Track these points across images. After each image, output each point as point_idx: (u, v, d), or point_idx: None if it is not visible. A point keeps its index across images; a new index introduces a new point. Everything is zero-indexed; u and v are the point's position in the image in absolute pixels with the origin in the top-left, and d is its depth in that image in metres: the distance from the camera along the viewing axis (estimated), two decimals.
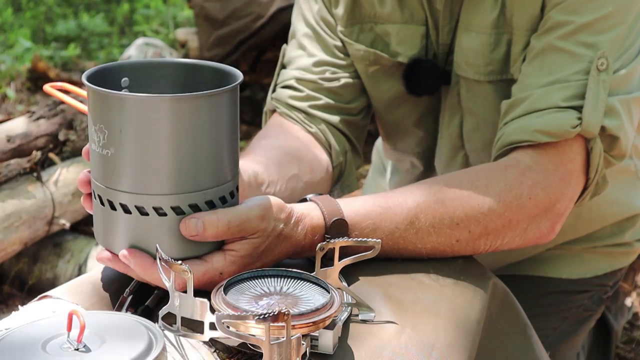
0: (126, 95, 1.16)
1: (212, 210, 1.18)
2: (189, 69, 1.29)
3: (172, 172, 1.16)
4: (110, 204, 1.18)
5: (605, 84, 1.42)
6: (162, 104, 1.14)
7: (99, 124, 1.16)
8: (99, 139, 1.16)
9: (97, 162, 1.19)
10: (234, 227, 1.18)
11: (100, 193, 1.20)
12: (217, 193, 1.20)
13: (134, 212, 1.17)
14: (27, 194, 2.29)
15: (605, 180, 1.48)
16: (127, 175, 1.16)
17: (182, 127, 1.14)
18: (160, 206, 1.17)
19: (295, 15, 1.72)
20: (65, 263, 2.43)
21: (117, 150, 1.15)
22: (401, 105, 1.69)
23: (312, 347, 1.12)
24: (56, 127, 2.38)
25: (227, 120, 1.19)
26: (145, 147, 1.14)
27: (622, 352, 2.23)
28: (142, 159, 1.15)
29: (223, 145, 1.19)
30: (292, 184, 1.48)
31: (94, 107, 1.17)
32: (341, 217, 1.29)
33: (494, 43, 1.54)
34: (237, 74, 1.22)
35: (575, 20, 1.44)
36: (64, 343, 1.05)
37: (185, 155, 1.15)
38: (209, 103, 1.16)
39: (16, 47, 4.54)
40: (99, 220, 1.22)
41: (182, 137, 1.15)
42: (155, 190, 1.16)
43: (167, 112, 1.14)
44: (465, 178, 1.39)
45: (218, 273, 1.20)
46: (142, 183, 1.16)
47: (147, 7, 5.27)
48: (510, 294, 1.41)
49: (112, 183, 1.17)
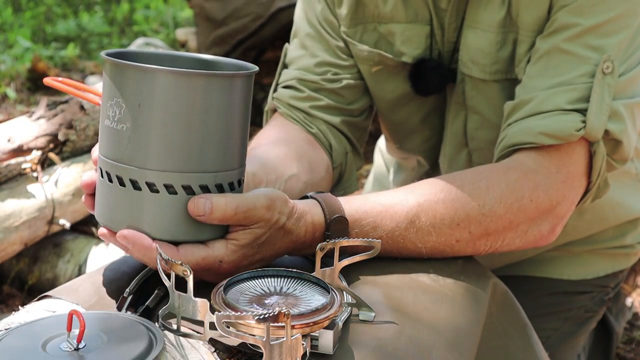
0: (152, 68, 1.15)
1: (222, 194, 1.19)
2: (203, 64, 1.29)
3: (188, 149, 1.16)
4: (119, 180, 1.18)
5: (610, 87, 1.42)
6: (193, 79, 1.14)
7: (116, 98, 1.15)
8: (114, 114, 1.16)
9: (109, 138, 1.18)
10: (240, 213, 1.18)
11: (108, 169, 1.19)
12: (227, 178, 1.21)
13: (144, 189, 1.17)
14: (27, 194, 2.29)
15: (606, 184, 1.48)
16: (141, 151, 1.16)
17: (205, 105, 1.15)
18: (171, 184, 1.17)
19: (298, 15, 1.72)
20: (65, 263, 2.43)
21: (134, 124, 1.15)
22: (406, 105, 1.69)
23: (312, 347, 1.11)
24: (56, 127, 2.38)
25: (244, 105, 1.21)
26: (164, 123, 1.15)
27: (622, 352, 2.23)
28: (158, 134, 1.15)
29: (237, 131, 1.20)
30: (292, 184, 1.49)
31: (114, 81, 1.16)
32: (342, 214, 1.29)
33: (501, 42, 1.54)
34: (251, 66, 1.24)
35: (582, 22, 1.44)
36: (63, 343, 1.05)
37: (203, 134, 1.16)
38: (238, 83, 1.18)
39: (16, 47, 4.54)
40: (103, 198, 1.21)
41: (202, 115, 1.15)
42: (168, 167, 1.16)
43: (194, 88, 1.14)
44: (467, 178, 1.39)
45: (218, 260, 1.20)
46: (155, 159, 1.16)
47: (147, 7, 5.27)
48: (510, 294, 1.40)
49: (123, 159, 1.17)
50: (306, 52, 1.67)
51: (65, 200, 2.35)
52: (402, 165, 1.92)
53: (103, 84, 1.20)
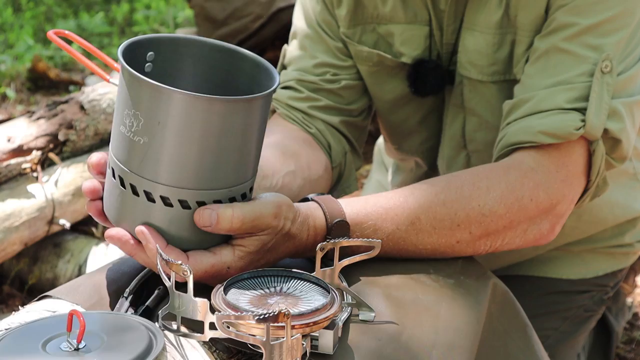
0: (177, 92, 1.13)
1: (228, 204, 1.19)
2: (215, 50, 1.27)
3: (204, 168, 1.16)
4: (132, 188, 1.18)
5: (609, 86, 1.42)
6: (214, 104, 1.13)
7: (134, 110, 1.14)
8: (131, 124, 1.15)
9: (125, 146, 1.17)
10: (247, 223, 1.18)
11: (122, 175, 1.19)
12: (240, 190, 1.21)
13: (157, 202, 1.17)
14: (27, 194, 2.29)
15: (605, 183, 1.48)
16: (158, 167, 1.16)
17: (225, 127, 1.14)
18: (185, 199, 1.17)
19: (297, 16, 1.71)
20: (65, 263, 2.43)
21: (152, 141, 1.14)
22: (405, 106, 1.69)
23: (312, 347, 1.12)
24: (56, 127, 2.37)
25: (261, 123, 1.20)
26: (182, 143, 1.14)
27: (622, 352, 2.22)
28: (177, 153, 1.15)
29: (253, 148, 1.20)
30: (288, 180, 1.49)
31: (133, 93, 1.15)
32: (343, 218, 1.29)
33: (498, 43, 1.54)
34: (271, 70, 1.22)
35: (580, 22, 1.44)
36: (64, 343, 1.05)
37: (221, 154, 1.16)
38: (257, 104, 1.16)
39: (16, 47, 4.54)
40: (115, 199, 1.21)
41: (221, 137, 1.15)
42: (184, 184, 1.16)
43: (213, 112, 1.13)
44: (467, 179, 1.39)
45: (226, 267, 1.20)
46: (172, 176, 1.16)
47: (148, 7, 5.27)
48: (510, 294, 1.40)
49: (139, 170, 1.17)
50: (305, 53, 1.67)
51: (65, 200, 2.35)
52: (401, 166, 1.92)
53: (119, 86, 1.18)
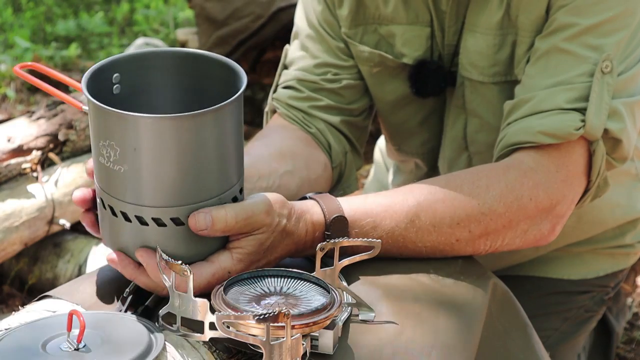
0: (143, 117, 1.13)
1: (220, 205, 1.19)
2: (179, 58, 1.27)
3: (189, 184, 1.16)
4: (124, 215, 1.18)
5: (610, 86, 1.42)
6: (183, 121, 1.13)
7: (109, 140, 1.14)
8: (108, 155, 1.15)
9: (107, 176, 1.17)
10: (241, 221, 1.19)
11: (111, 204, 1.19)
12: (229, 195, 1.21)
13: (150, 224, 1.17)
14: (27, 194, 2.29)
15: (606, 183, 1.48)
16: (143, 191, 1.16)
17: (200, 140, 1.14)
18: (177, 216, 1.17)
19: (298, 16, 1.71)
20: (65, 263, 2.43)
21: (132, 167, 1.14)
22: (406, 106, 1.69)
23: (312, 347, 1.12)
24: (56, 127, 2.37)
25: (236, 126, 1.20)
26: (162, 164, 1.14)
27: (622, 352, 2.22)
28: (158, 174, 1.15)
29: (233, 152, 1.20)
30: (286, 179, 1.49)
31: (103, 124, 1.15)
32: (341, 214, 1.29)
33: (499, 44, 1.54)
34: (238, 70, 1.21)
35: (581, 22, 1.44)
36: (64, 343, 1.05)
37: (201, 166, 1.16)
38: (228, 111, 1.16)
39: (16, 47, 4.54)
40: (110, 227, 1.22)
41: (198, 150, 1.15)
42: (172, 203, 1.16)
43: (183, 129, 1.13)
44: (467, 178, 1.39)
45: (227, 272, 1.20)
46: (158, 197, 1.16)
47: (147, 7, 5.26)
48: (510, 294, 1.40)
49: (126, 197, 1.17)
50: (306, 53, 1.67)
51: (65, 200, 2.35)
52: (401, 167, 1.92)
53: (89, 118, 1.17)
